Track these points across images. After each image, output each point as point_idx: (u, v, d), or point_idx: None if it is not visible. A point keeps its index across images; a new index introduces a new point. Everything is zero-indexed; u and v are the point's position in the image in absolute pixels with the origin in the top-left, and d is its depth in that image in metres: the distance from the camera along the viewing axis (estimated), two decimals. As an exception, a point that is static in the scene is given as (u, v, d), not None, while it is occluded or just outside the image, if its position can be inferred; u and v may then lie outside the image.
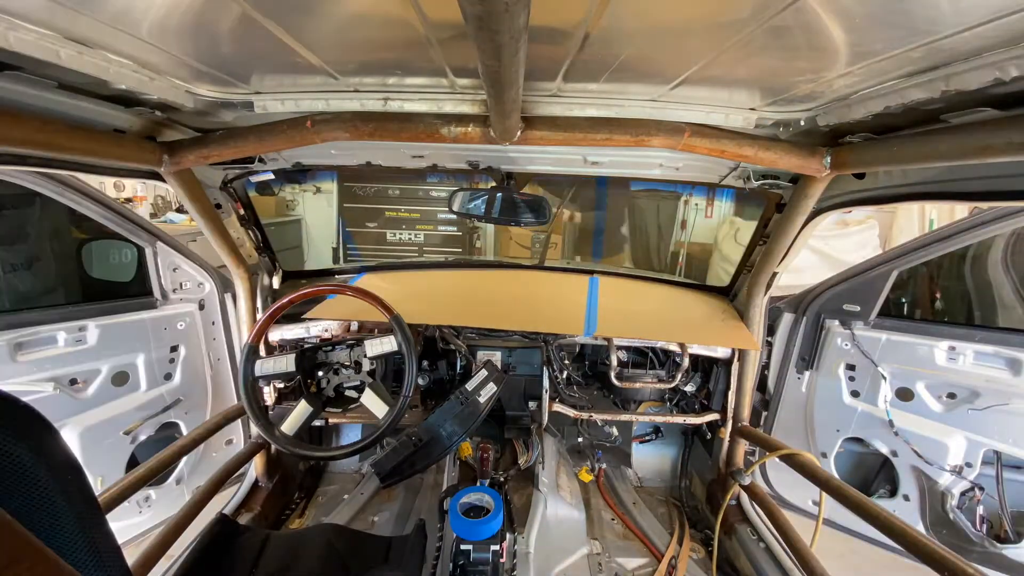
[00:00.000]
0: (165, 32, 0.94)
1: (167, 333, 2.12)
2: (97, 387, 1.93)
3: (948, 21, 0.74)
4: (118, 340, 1.97)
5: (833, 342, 2.12)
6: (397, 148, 1.82)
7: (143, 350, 2.05)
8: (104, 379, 1.94)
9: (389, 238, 5.14)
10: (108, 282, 2.14)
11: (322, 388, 1.87)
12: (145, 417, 2.06)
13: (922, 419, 1.99)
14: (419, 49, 1.02)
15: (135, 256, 2.11)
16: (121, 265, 2.14)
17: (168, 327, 2.12)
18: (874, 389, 2.06)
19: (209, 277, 2.18)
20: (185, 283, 2.15)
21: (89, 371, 1.91)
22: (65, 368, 1.84)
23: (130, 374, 2.04)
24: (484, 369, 1.99)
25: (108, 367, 1.95)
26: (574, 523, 2.32)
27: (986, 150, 0.94)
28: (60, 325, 1.82)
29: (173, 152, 1.53)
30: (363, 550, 1.54)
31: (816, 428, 2.22)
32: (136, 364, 2.05)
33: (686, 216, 4.73)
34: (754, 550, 2.03)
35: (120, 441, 1.98)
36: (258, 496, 2.31)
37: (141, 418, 2.05)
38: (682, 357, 2.26)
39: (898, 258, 1.95)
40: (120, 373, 2.01)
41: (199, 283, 2.18)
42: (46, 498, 0.54)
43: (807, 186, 1.61)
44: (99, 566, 0.59)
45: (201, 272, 2.17)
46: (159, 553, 1.60)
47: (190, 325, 2.18)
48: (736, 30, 0.85)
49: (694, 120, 1.37)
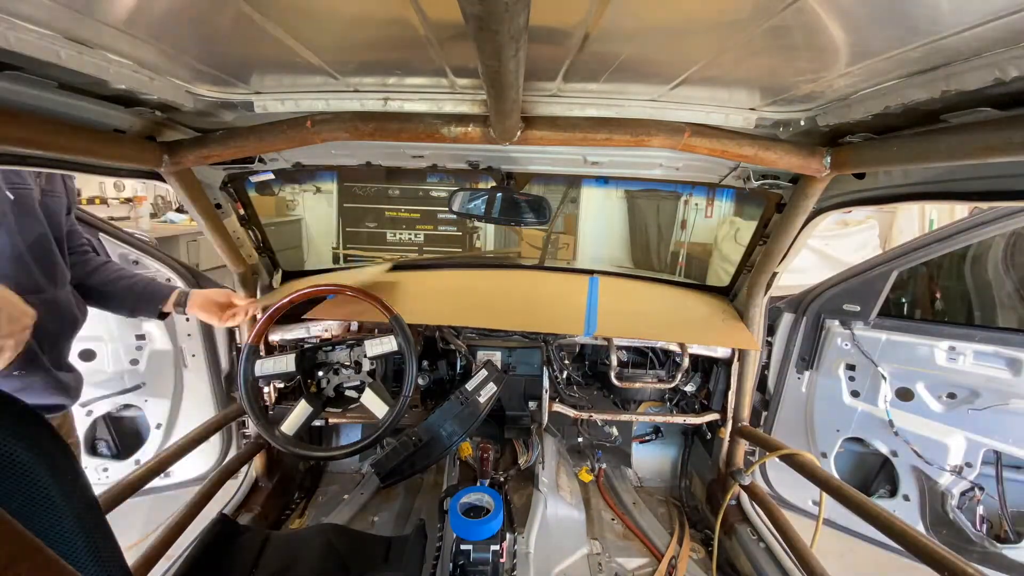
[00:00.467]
0: (165, 32, 0.95)
1: (132, 322, 2.22)
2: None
3: (948, 21, 0.74)
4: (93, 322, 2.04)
5: (833, 342, 2.12)
6: (397, 148, 1.82)
7: (106, 333, 2.22)
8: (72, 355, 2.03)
9: (389, 238, 5.15)
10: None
11: (322, 388, 1.87)
12: (103, 395, 2.27)
13: (922, 419, 1.99)
14: (419, 49, 1.02)
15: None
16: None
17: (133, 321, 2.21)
18: (874, 389, 2.06)
19: (176, 274, 2.20)
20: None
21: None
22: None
23: (97, 353, 2.24)
24: (484, 369, 1.99)
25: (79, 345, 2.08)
26: (574, 523, 2.32)
27: (986, 150, 0.94)
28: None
29: (173, 152, 1.53)
30: (363, 550, 1.54)
31: (816, 428, 2.22)
32: (102, 347, 2.23)
33: (686, 216, 4.73)
34: (754, 550, 2.03)
35: (77, 412, 2.10)
36: (258, 496, 2.31)
37: (99, 395, 2.27)
38: (682, 357, 2.26)
39: (898, 258, 1.95)
40: (87, 351, 2.22)
41: (166, 278, 2.19)
42: (46, 498, 0.54)
43: (807, 186, 1.61)
44: (99, 566, 0.59)
45: (165, 268, 2.19)
46: (159, 553, 1.60)
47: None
48: (736, 30, 0.85)
49: (694, 120, 1.37)
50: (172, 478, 2.33)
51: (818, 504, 1.74)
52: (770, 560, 1.96)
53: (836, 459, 2.23)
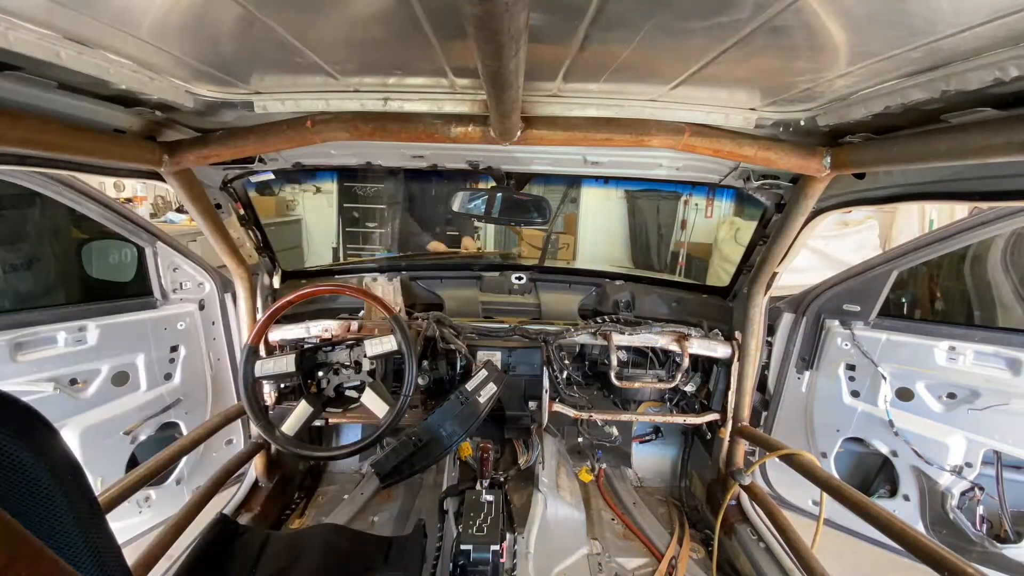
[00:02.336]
0: (165, 32, 0.94)
1: (167, 333, 2.12)
2: (97, 387, 1.93)
3: (948, 21, 0.74)
4: (118, 340, 1.97)
5: (833, 342, 2.12)
6: (397, 148, 1.82)
7: (143, 350, 2.05)
8: (104, 379, 1.94)
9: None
10: (108, 282, 2.14)
11: (322, 388, 1.87)
12: (145, 417, 2.06)
13: (922, 419, 1.99)
14: (419, 49, 1.02)
15: (135, 256, 2.11)
16: (121, 265, 2.14)
17: (168, 327, 2.11)
18: (874, 389, 2.05)
19: (209, 277, 2.18)
20: (185, 283, 2.15)
21: (89, 371, 1.91)
22: (65, 368, 1.84)
23: (130, 374, 2.04)
24: (484, 369, 1.99)
25: (108, 367, 1.95)
26: (574, 523, 2.32)
27: (986, 150, 0.94)
28: (60, 325, 1.82)
29: (173, 152, 1.53)
30: (363, 550, 1.54)
31: (816, 428, 2.22)
32: (136, 364, 2.05)
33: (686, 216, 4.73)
34: (754, 550, 2.03)
35: (120, 441, 1.98)
36: (258, 496, 2.31)
37: (141, 418, 2.05)
38: (682, 357, 2.26)
39: (898, 258, 1.95)
40: (120, 373, 2.01)
41: (199, 283, 2.17)
42: (46, 498, 0.54)
43: (807, 186, 1.61)
44: (99, 566, 0.59)
45: (201, 272, 2.17)
46: (159, 553, 1.60)
47: (190, 325, 2.17)
48: (736, 30, 0.85)
49: (694, 120, 1.37)
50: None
51: (818, 504, 1.74)
52: (770, 560, 1.96)
53: (836, 459, 2.23)
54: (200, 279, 2.17)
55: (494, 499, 1.85)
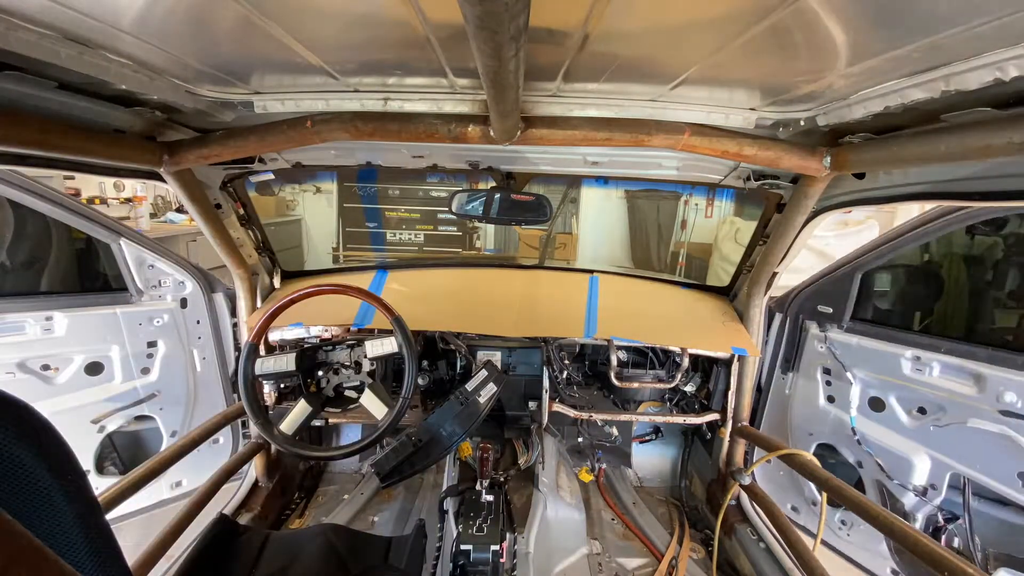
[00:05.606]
0: (165, 32, 0.95)
1: (142, 328, 2.14)
2: (71, 375, 1.97)
3: (948, 21, 0.74)
4: (89, 331, 2.00)
5: (811, 344, 2.08)
6: (397, 148, 1.82)
7: (117, 343, 2.08)
8: (78, 368, 1.98)
9: (389, 238, 5.14)
10: (109, 276, 2.17)
11: (322, 388, 1.87)
12: (116, 408, 2.10)
13: (891, 432, 1.87)
14: (419, 49, 1.02)
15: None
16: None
17: (143, 323, 2.13)
18: (846, 395, 1.97)
19: (190, 276, 2.19)
20: (163, 281, 2.16)
21: (62, 358, 1.96)
22: (35, 353, 1.89)
23: (105, 365, 2.08)
24: (484, 369, 1.98)
25: (83, 357, 1.99)
26: (574, 523, 2.32)
27: (986, 150, 0.94)
28: (27, 315, 1.87)
29: (173, 152, 1.53)
30: (363, 550, 1.54)
31: (793, 431, 2.19)
32: (111, 356, 2.08)
33: (686, 216, 4.73)
34: (754, 550, 2.03)
35: (89, 429, 2.03)
36: (258, 496, 2.31)
37: (112, 408, 2.09)
38: (682, 357, 2.26)
39: (861, 257, 1.89)
40: (94, 363, 2.05)
41: (179, 282, 2.18)
42: (46, 498, 0.54)
43: (807, 186, 1.61)
44: (99, 566, 0.59)
45: (180, 271, 2.17)
46: (159, 553, 1.60)
47: (169, 323, 2.19)
48: (736, 30, 0.85)
49: (694, 120, 1.37)
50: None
51: (818, 504, 1.74)
52: (770, 560, 1.96)
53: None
54: (180, 278, 2.18)
55: (494, 499, 1.85)
